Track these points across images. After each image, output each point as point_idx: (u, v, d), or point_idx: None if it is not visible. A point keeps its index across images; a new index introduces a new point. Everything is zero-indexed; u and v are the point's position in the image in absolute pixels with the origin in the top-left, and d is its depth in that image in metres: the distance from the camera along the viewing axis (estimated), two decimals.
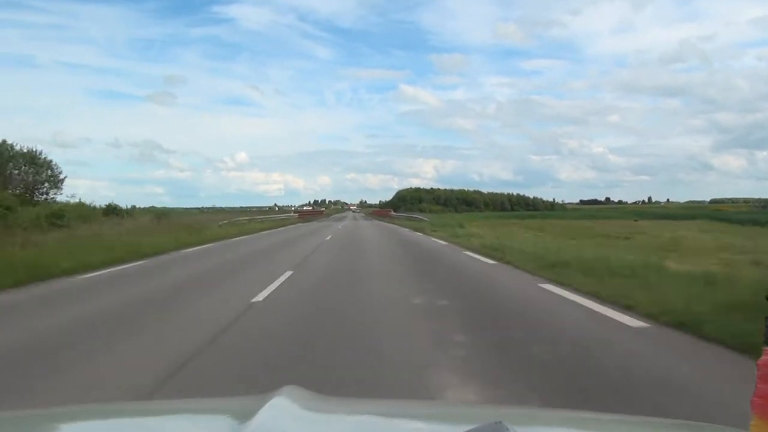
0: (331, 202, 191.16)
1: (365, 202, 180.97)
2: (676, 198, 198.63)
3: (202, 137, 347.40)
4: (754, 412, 1.12)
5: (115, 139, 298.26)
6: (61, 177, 25.87)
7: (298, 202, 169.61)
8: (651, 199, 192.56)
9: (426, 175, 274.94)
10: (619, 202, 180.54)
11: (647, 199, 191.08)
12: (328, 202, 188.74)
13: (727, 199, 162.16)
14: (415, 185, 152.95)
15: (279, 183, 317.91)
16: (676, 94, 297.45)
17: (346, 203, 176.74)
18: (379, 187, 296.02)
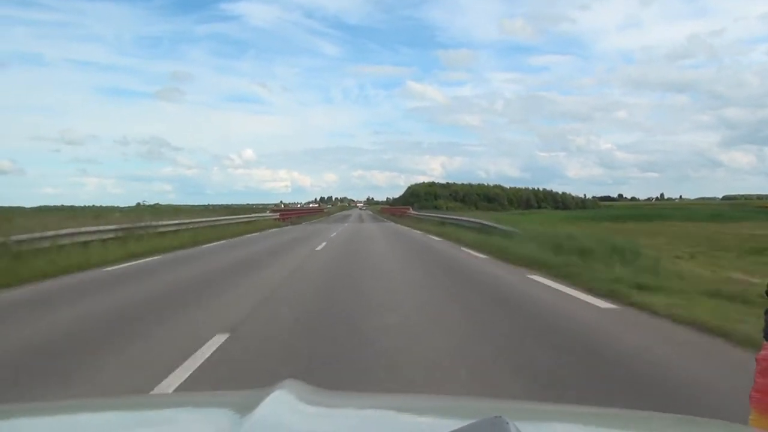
0: (337, 199, 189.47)
1: (372, 199, 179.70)
2: (686, 195, 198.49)
3: (209, 134, 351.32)
4: (752, 407, 1.14)
5: (122, 137, 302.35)
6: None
7: (305, 199, 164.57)
8: (663, 195, 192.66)
9: (433, 172, 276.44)
10: (632, 199, 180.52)
11: (660, 196, 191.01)
12: (335, 199, 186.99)
13: (739, 196, 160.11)
14: (421, 182, 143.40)
15: (286, 180, 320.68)
16: (684, 90, 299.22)
17: (353, 200, 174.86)
18: (385, 184, 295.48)
